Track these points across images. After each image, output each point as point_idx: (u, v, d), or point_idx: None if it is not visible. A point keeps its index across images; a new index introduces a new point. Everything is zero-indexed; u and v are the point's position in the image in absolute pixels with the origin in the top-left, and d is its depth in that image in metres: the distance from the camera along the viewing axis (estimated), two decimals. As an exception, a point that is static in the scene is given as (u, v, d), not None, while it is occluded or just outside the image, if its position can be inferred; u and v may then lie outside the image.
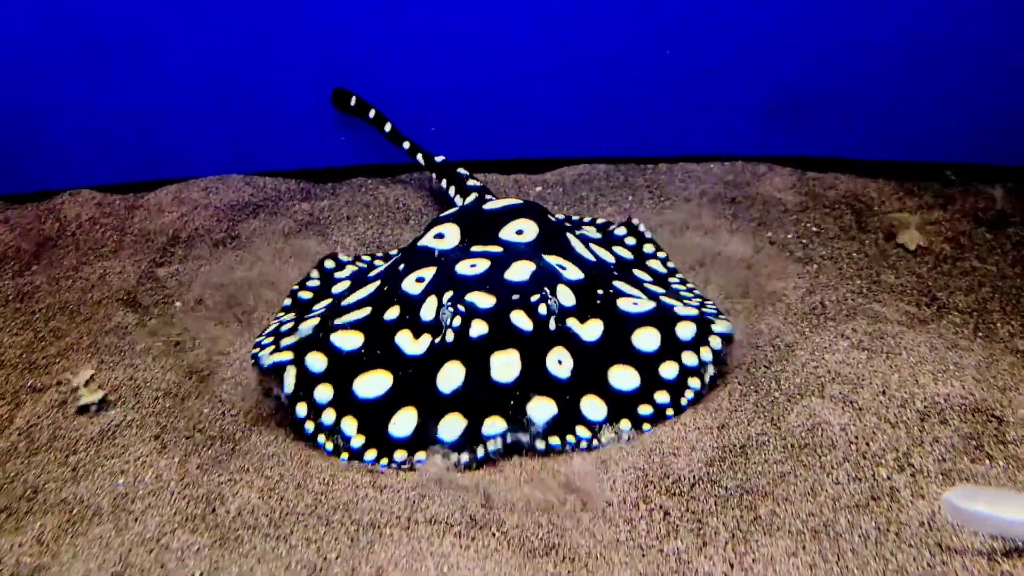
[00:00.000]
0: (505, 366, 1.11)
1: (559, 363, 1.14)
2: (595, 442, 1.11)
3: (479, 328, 1.13)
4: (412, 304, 1.21)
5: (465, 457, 1.08)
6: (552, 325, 1.16)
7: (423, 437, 1.10)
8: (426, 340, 1.17)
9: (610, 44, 1.95)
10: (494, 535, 0.99)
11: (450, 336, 1.14)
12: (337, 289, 1.48)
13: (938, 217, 1.78)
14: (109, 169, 2.02)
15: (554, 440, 1.09)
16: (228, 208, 1.94)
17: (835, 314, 1.44)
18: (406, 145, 1.89)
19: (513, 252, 1.29)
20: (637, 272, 1.51)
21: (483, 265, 1.24)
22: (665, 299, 1.39)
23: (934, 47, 1.86)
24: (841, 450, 1.09)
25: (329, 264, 1.56)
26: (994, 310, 1.45)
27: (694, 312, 1.29)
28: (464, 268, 1.24)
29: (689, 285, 1.51)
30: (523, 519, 1.01)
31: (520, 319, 1.15)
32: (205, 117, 1.99)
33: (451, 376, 1.12)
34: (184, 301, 1.60)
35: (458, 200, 1.75)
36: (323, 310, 1.38)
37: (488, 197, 1.68)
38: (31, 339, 1.49)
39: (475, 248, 1.32)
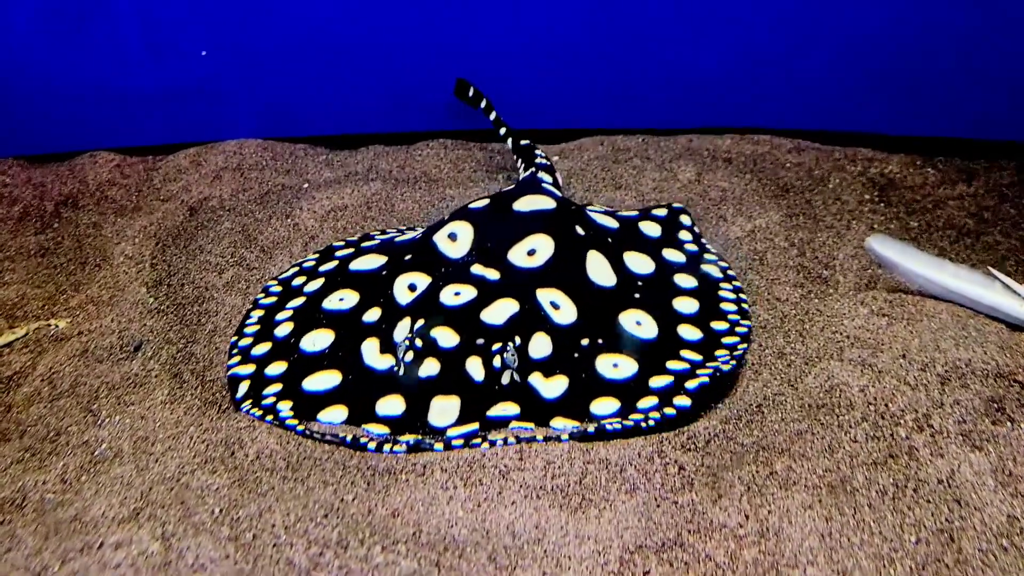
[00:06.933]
0: (442, 412, 1.09)
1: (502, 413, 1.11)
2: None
3: (429, 368, 1.11)
4: (392, 315, 1.21)
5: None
6: (505, 379, 1.12)
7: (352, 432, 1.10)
8: (388, 360, 1.16)
9: (631, 15, 1.93)
10: (508, 483, 1.00)
11: (401, 370, 1.14)
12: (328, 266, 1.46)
13: (961, 192, 1.75)
14: (128, 132, 2.03)
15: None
16: (246, 171, 1.95)
17: (855, 282, 1.43)
18: (503, 131, 1.90)
19: (509, 282, 1.23)
20: (680, 279, 1.40)
21: (468, 295, 1.18)
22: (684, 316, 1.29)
23: (961, 23, 1.83)
24: (859, 410, 1.09)
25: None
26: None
27: (685, 367, 1.19)
28: (448, 295, 1.19)
29: (739, 296, 1.38)
30: (535, 471, 1.02)
31: (474, 367, 1.11)
32: (223, 83, 1.99)
33: (391, 407, 1.11)
34: (202, 259, 1.61)
35: (521, 169, 1.76)
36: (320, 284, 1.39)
37: (540, 177, 1.63)
38: (53, 291, 1.51)
39: (475, 268, 1.25)
